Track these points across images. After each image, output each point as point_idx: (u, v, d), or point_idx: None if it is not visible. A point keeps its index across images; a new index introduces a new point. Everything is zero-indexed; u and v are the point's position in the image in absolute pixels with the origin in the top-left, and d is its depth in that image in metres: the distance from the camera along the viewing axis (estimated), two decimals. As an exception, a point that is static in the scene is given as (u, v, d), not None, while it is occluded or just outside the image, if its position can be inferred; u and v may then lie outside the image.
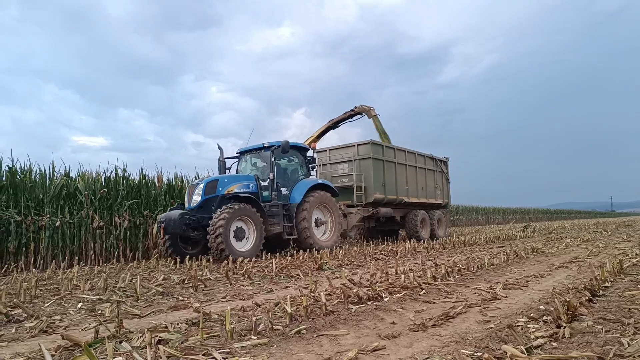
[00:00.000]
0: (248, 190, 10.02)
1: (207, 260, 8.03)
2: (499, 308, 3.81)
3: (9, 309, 4.05)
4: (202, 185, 9.55)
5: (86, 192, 10.37)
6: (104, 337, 2.92)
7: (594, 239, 12.69)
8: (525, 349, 2.52)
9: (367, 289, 4.62)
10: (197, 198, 9.47)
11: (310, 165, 11.65)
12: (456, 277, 5.61)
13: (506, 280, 5.20)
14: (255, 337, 2.95)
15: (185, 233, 9.23)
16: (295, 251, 10.49)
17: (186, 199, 9.81)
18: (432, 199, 15.87)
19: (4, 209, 9.09)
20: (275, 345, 2.84)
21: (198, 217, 9.31)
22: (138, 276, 5.80)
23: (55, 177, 10.50)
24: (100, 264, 9.83)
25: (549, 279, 5.40)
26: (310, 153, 11.82)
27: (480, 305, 3.90)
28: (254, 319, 3.20)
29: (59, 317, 3.90)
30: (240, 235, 9.14)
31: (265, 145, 10.65)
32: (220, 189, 9.61)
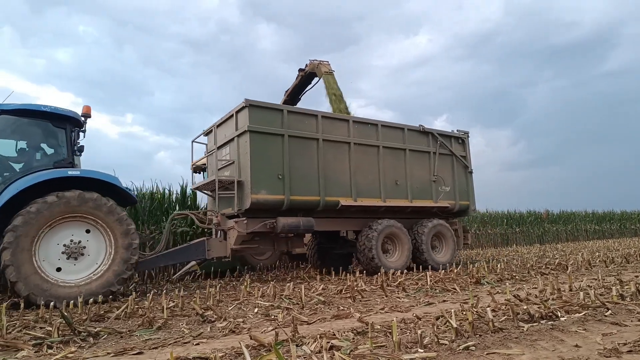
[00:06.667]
0: None
1: (361, 272, 8.24)
2: None
3: (203, 310, 4.77)
4: None
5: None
6: (284, 340, 3.25)
7: None
8: None
9: (537, 306, 4.23)
10: None
11: (78, 147, 6.81)
12: (651, 296, 4.76)
13: None
14: (422, 350, 2.95)
15: None
16: (448, 264, 10.04)
17: None
18: (425, 199, 9.74)
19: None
20: (443, 360, 2.79)
21: None
22: (302, 286, 6.28)
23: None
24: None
25: None
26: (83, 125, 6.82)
27: (691, 332, 3.24)
28: (419, 331, 3.20)
29: (241, 320, 4.44)
30: None
31: None
32: None
